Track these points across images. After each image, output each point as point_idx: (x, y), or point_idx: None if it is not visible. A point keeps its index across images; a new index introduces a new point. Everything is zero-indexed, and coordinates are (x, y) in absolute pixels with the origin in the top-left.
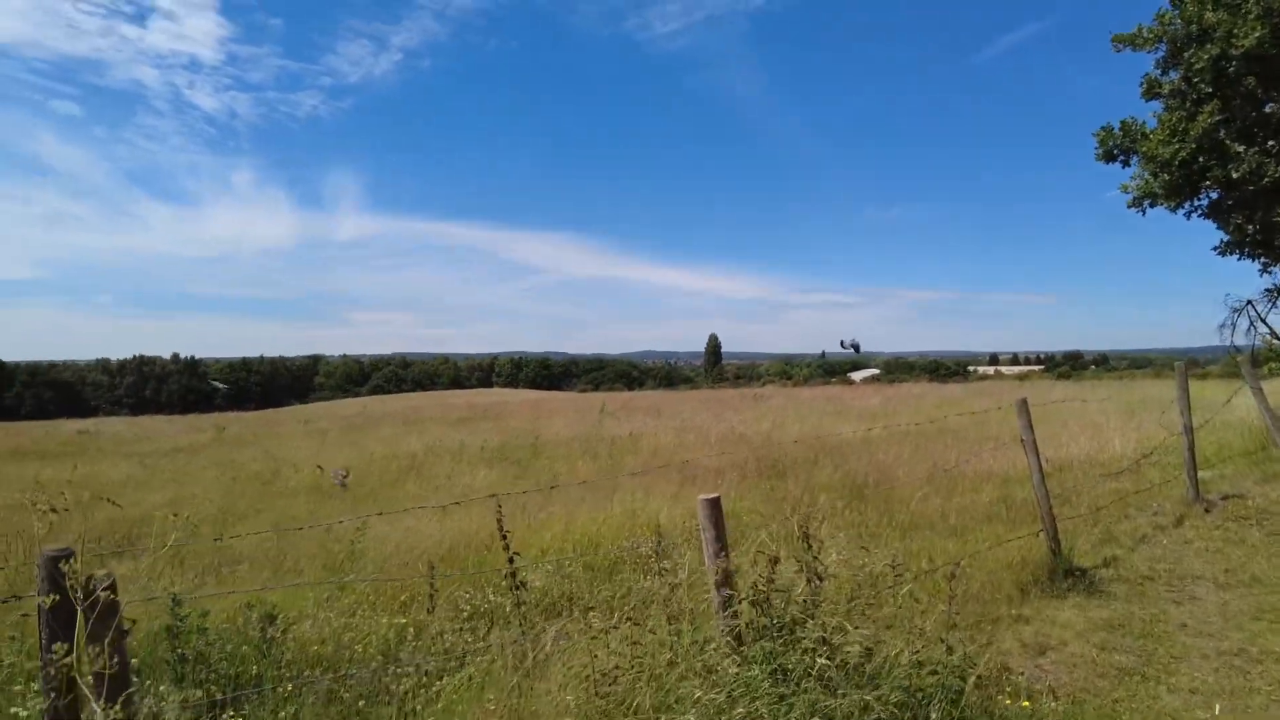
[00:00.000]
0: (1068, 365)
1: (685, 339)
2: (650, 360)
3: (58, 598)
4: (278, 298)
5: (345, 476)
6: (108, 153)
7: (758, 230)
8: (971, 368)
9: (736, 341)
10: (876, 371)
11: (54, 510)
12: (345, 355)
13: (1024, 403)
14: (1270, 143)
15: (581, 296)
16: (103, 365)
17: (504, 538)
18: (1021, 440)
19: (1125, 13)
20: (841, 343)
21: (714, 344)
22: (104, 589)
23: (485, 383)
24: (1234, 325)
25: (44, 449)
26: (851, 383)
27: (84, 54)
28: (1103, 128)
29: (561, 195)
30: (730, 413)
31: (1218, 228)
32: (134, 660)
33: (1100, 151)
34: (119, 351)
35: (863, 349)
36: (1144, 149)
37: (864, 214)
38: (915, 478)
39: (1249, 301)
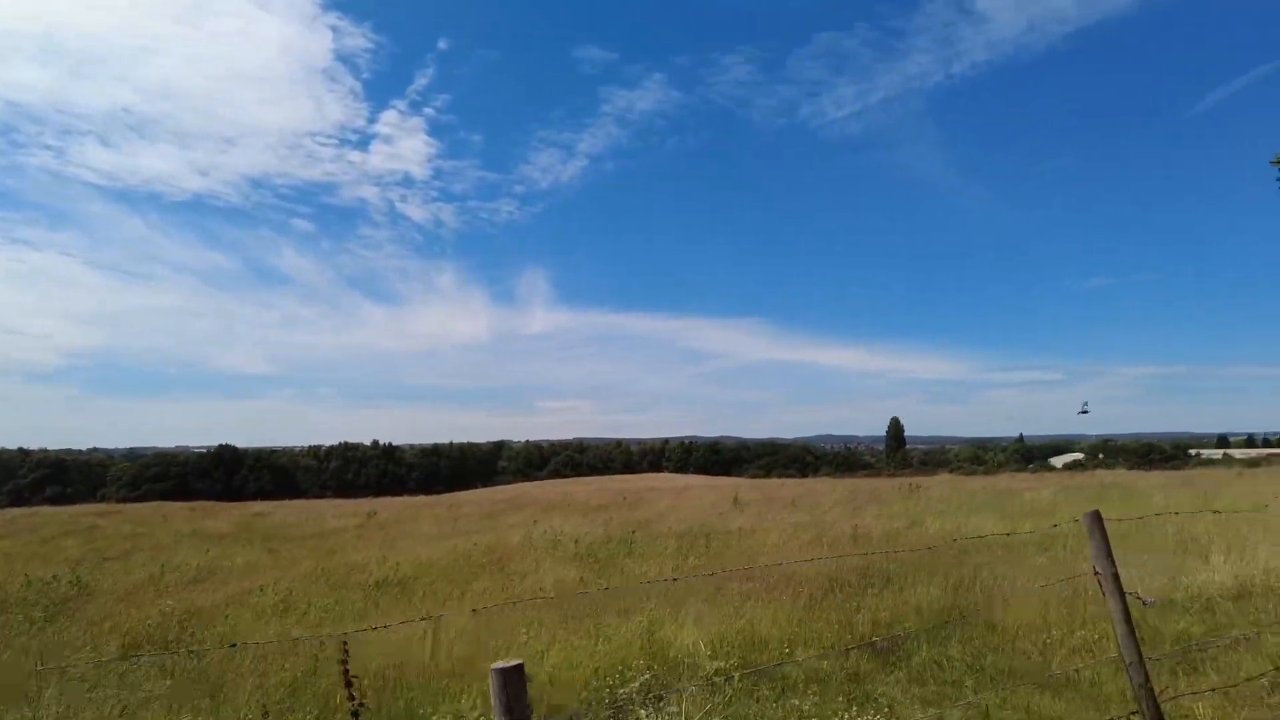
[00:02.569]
0: None
1: (866, 422)
2: (828, 444)
3: None
4: (473, 388)
5: None
6: (333, 262)
7: (944, 307)
8: (1194, 451)
9: (924, 424)
10: (1080, 456)
11: None
12: (528, 441)
13: (1096, 518)
14: None
15: (758, 380)
16: (313, 451)
17: (349, 686)
18: (1095, 572)
19: None
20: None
21: (896, 427)
22: None
23: (656, 467)
24: None
25: (219, 531)
26: (1052, 469)
27: (318, 178)
28: None
29: (738, 281)
30: (874, 506)
31: None
32: None
33: None
34: (335, 438)
35: (1069, 431)
36: None
37: (1062, 285)
38: (1034, 598)
39: None
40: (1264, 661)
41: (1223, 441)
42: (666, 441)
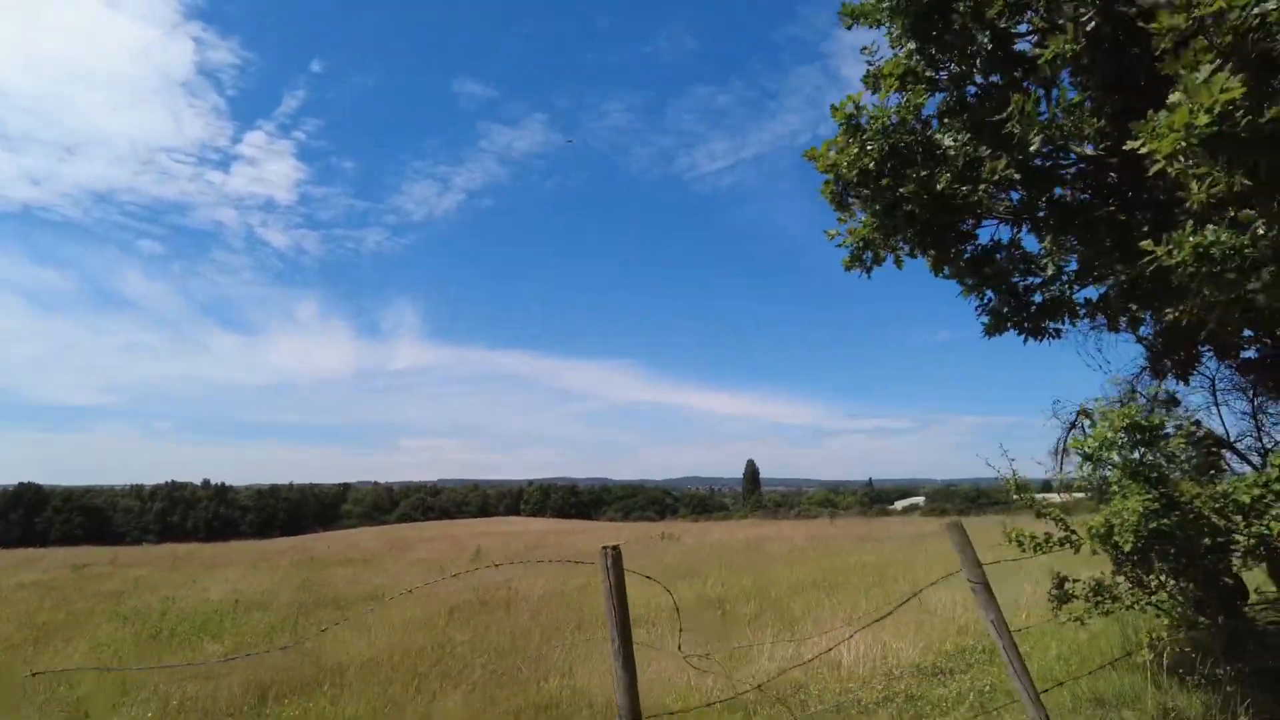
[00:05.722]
0: None
1: (729, 465)
2: (691, 486)
3: None
4: (331, 425)
5: None
6: (183, 286)
7: (805, 356)
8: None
9: (781, 468)
10: (921, 500)
11: None
12: (376, 483)
13: None
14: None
15: (629, 422)
16: (135, 491)
17: None
18: None
19: None
20: None
21: (751, 470)
22: None
23: (513, 510)
24: (1063, 449)
25: None
26: (892, 513)
27: (172, 197)
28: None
29: (612, 324)
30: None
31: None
32: None
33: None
34: (174, 476)
35: (913, 477)
36: (818, 158)
37: (911, 338)
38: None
39: (1081, 411)
40: None
41: (1045, 487)
42: (530, 483)
